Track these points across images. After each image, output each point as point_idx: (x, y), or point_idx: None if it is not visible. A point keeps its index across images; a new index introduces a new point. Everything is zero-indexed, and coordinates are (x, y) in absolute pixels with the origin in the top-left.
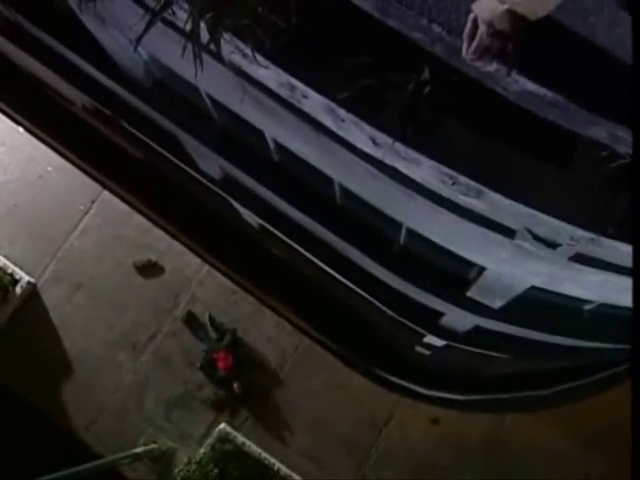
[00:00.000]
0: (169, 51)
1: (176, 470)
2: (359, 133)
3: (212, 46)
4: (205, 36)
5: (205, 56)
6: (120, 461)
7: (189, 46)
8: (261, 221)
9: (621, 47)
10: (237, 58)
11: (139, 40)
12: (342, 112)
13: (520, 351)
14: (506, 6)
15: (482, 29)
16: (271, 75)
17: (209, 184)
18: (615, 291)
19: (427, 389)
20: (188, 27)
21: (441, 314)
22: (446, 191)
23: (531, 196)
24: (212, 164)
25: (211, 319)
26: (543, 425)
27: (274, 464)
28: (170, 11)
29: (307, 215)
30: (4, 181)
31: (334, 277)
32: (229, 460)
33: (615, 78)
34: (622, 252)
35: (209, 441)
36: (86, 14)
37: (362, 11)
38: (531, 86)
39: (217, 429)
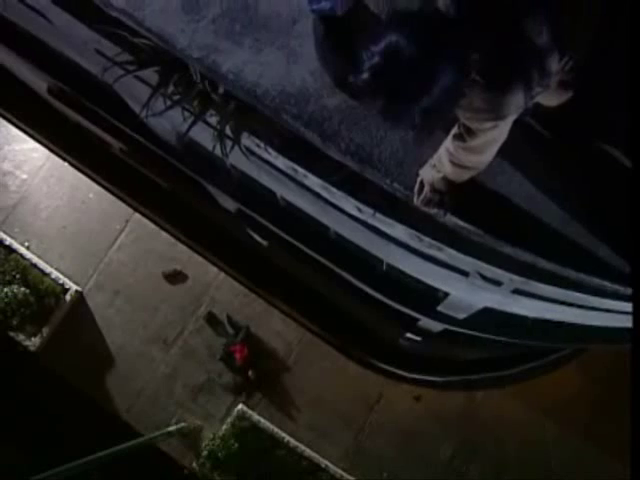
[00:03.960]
0: (202, 135)
1: (203, 444)
2: (347, 203)
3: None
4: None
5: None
6: (156, 438)
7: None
8: (268, 243)
9: (517, 196)
10: (254, 148)
11: (185, 135)
12: (334, 189)
13: (483, 346)
14: (441, 174)
15: (426, 188)
16: (279, 161)
17: (226, 214)
18: (543, 311)
19: (410, 373)
20: (218, 127)
21: (418, 319)
22: (415, 244)
23: (476, 252)
24: (229, 202)
25: (228, 317)
26: (508, 398)
27: (284, 437)
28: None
29: (306, 246)
30: (54, 206)
31: (330, 287)
32: (247, 435)
33: (516, 217)
34: (545, 289)
35: (229, 419)
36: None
37: None
38: (460, 222)
39: (236, 409)
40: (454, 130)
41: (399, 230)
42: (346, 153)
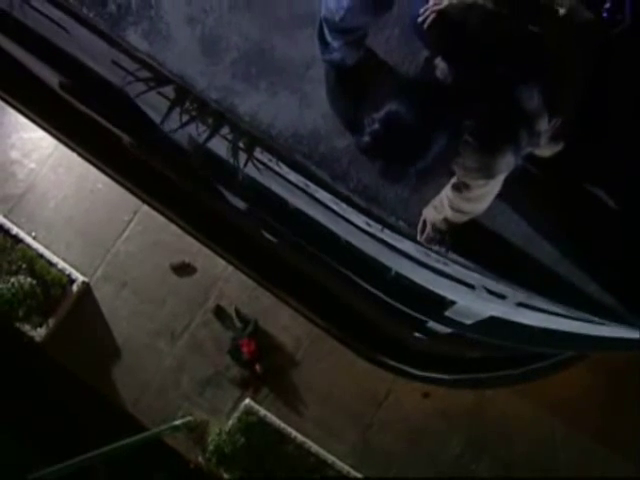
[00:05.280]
0: (215, 143)
1: (209, 439)
2: (357, 218)
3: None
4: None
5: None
6: (162, 432)
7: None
8: (278, 240)
9: (515, 235)
10: (266, 161)
11: (203, 145)
12: (344, 205)
13: (491, 348)
14: (442, 216)
15: (429, 227)
16: (292, 175)
17: (235, 211)
18: (548, 322)
19: (419, 370)
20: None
21: (426, 321)
22: (422, 258)
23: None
24: (239, 201)
25: (236, 311)
26: (517, 397)
27: (291, 432)
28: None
29: (315, 248)
30: (62, 196)
31: (339, 286)
32: (253, 430)
33: (513, 256)
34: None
35: (236, 414)
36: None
37: None
38: (460, 259)
39: (243, 404)
40: (453, 180)
41: (407, 245)
42: (354, 192)
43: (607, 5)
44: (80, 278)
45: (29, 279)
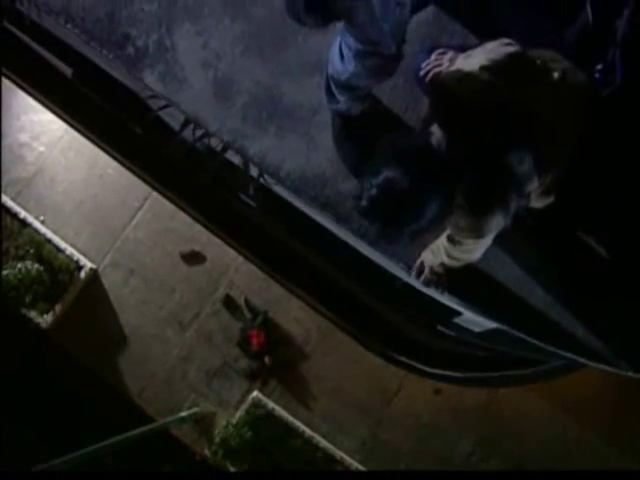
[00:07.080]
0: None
1: (216, 431)
2: None
3: None
4: None
5: None
6: (169, 423)
7: None
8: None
9: (508, 279)
10: None
11: (221, 155)
12: None
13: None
14: (439, 260)
15: (426, 270)
16: None
17: (247, 207)
18: None
19: (430, 367)
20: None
21: (434, 324)
22: None
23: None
24: (251, 201)
25: (246, 301)
26: (530, 395)
27: (299, 426)
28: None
29: (324, 250)
30: (71, 180)
31: (350, 284)
32: (261, 423)
33: (507, 298)
34: None
35: (244, 406)
36: None
37: None
38: (454, 299)
39: (251, 396)
40: (448, 230)
41: None
42: (357, 234)
43: (599, 66)
44: (88, 265)
45: (36, 265)
